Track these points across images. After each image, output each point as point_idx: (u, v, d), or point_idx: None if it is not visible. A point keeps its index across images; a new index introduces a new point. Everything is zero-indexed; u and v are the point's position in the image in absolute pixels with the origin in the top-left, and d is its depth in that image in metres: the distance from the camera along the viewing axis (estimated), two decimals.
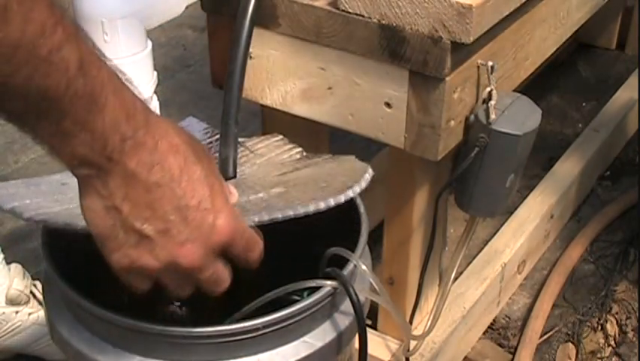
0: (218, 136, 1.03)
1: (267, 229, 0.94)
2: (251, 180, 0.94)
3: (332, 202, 0.82)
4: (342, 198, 0.83)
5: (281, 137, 1.07)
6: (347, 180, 0.87)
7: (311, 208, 0.81)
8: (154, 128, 0.65)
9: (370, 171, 0.90)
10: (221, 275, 0.72)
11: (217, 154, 1.01)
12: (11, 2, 0.53)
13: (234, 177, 0.96)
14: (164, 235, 0.66)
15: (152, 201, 0.65)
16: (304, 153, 1.03)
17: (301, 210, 0.81)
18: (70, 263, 0.84)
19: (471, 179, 1.13)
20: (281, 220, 0.80)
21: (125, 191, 0.64)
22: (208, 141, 1.04)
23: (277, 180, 0.92)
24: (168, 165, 0.65)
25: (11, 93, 0.57)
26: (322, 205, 0.81)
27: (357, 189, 0.85)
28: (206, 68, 1.24)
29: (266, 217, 0.79)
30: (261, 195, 0.86)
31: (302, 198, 0.84)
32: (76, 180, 0.66)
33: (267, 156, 1.02)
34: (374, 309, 1.31)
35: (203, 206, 0.67)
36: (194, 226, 0.67)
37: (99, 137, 0.62)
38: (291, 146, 1.05)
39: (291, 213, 0.80)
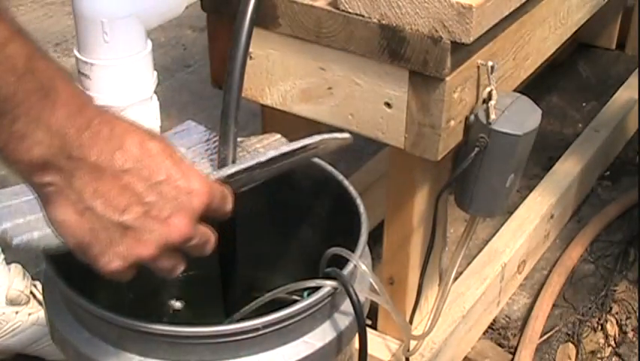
0: (217, 138, 1.03)
1: (268, 229, 0.94)
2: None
3: (317, 138, 0.83)
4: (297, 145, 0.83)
5: (279, 136, 1.07)
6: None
7: (301, 143, 0.81)
8: (104, 116, 0.63)
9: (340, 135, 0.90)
10: (208, 236, 0.70)
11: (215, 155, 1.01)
12: None
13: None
14: (145, 219, 0.65)
15: (123, 188, 0.63)
16: None
17: (294, 146, 0.81)
18: (70, 263, 0.84)
19: (471, 179, 1.13)
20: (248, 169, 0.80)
21: (93, 187, 0.63)
22: (207, 143, 1.04)
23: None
24: (128, 148, 0.64)
25: None
26: (284, 150, 0.81)
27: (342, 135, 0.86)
28: (206, 68, 1.23)
29: (234, 169, 0.79)
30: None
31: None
32: None
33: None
34: (374, 309, 1.31)
35: (173, 177, 0.66)
36: (172, 199, 0.65)
37: (55, 133, 0.60)
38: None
39: (285, 148, 0.81)
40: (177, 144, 1.03)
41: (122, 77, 0.85)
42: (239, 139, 1.02)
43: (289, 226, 1.04)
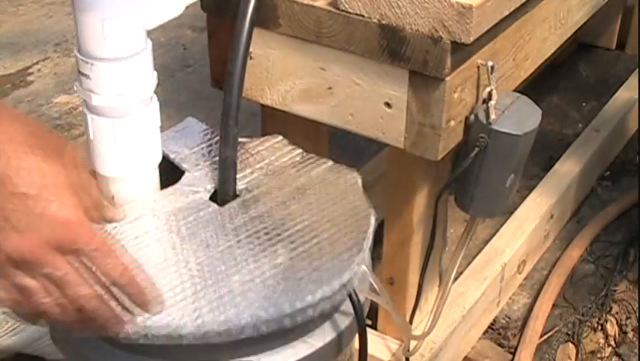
0: (218, 137, 1.03)
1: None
2: (252, 212, 0.93)
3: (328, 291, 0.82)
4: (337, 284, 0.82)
5: (280, 138, 1.07)
6: (350, 242, 0.87)
7: (316, 298, 0.81)
8: None
9: (373, 221, 0.91)
10: (72, 277, 0.66)
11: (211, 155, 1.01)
12: None
13: (235, 185, 0.96)
14: (4, 225, 0.63)
15: None
16: (304, 155, 1.03)
17: (299, 306, 0.80)
18: None
19: (471, 179, 1.13)
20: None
21: None
22: (209, 144, 1.04)
23: (279, 222, 0.91)
24: (5, 155, 0.63)
25: None
26: (319, 295, 0.81)
27: (361, 257, 0.85)
28: (206, 68, 1.23)
29: (274, 314, 0.79)
30: (266, 270, 0.84)
31: (301, 282, 0.82)
32: None
33: (267, 160, 1.02)
34: (374, 309, 1.31)
35: (37, 197, 0.64)
36: (24, 217, 0.64)
37: None
38: (290, 147, 1.05)
39: (295, 306, 0.80)
40: (178, 144, 1.03)
41: (122, 77, 0.85)
42: (241, 140, 1.02)
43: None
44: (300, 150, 1.04)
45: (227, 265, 0.83)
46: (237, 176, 0.96)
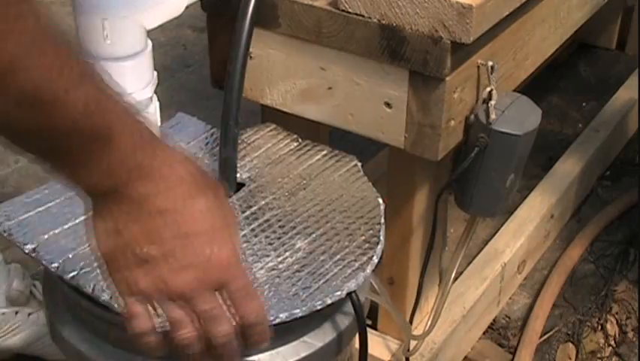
0: (211, 130, 1.03)
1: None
2: (261, 201, 0.93)
3: (361, 279, 0.84)
4: (369, 270, 0.85)
5: (274, 126, 1.07)
6: (363, 230, 0.89)
7: (344, 292, 0.82)
8: (161, 160, 0.67)
9: (381, 201, 0.92)
10: (220, 313, 0.70)
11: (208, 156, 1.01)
12: (18, 55, 0.55)
13: (235, 183, 0.96)
14: (160, 261, 0.67)
15: (154, 228, 0.67)
16: (300, 142, 1.03)
17: (336, 298, 0.81)
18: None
19: (471, 179, 1.13)
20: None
21: (127, 218, 0.66)
22: (205, 137, 1.04)
23: (290, 212, 0.91)
24: (173, 195, 0.67)
25: (22, 134, 0.60)
26: (353, 286, 0.82)
27: (379, 250, 0.88)
28: (206, 68, 1.23)
29: (307, 311, 0.80)
30: (287, 257, 0.85)
31: (329, 270, 0.83)
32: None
33: (263, 148, 1.02)
34: (374, 309, 1.31)
35: (203, 239, 0.68)
36: (191, 255, 0.68)
37: (106, 171, 0.64)
38: (285, 134, 1.05)
39: (328, 301, 0.81)
40: (174, 139, 1.02)
41: (122, 76, 0.85)
42: None
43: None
44: (295, 136, 1.04)
45: (246, 256, 0.84)
46: (237, 165, 0.97)
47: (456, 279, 1.33)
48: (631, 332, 1.55)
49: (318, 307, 0.80)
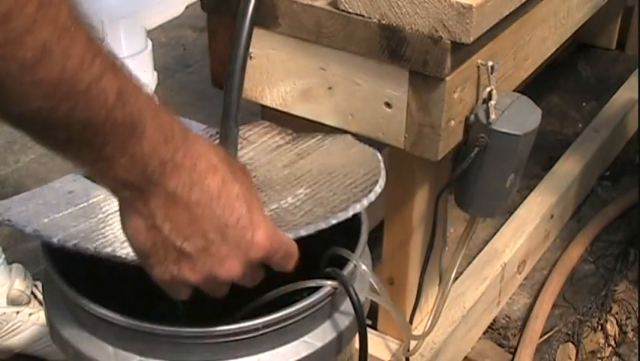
0: (206, 128, 1.03)
1: None
2: (262, 177, 0.94)
3: (365, 202, 0.84)
4: (372, 197, 0.84)
5: (267, 123, 1.07)
6: (367, 173, 0.88)
7: (350, 212, 0.82)
8: (192, 149, 0.67)
9: (380, 156, 0.93)
10: (257, 279, 0.75)
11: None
12: (50, 41, 0.55)
13: None
14: (203, 252, 0.68)
15: (192, 220, 0.67)
16: (294, 134, 1.04)
17: (342, 217, 0.81)
18: (70, 263, 0.84)
19: (471, 179, 1.13)
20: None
21: (165, 211, 0.66)
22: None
23: (289, 174, 0.92)
24: (207, 185, 0.67)
25: (54, 125, 0.59)
26: (358, 207, 0.83)
27: (382, 182, 0.87)
28: (206, 68, 1.23)
29: (312, 228, 0.80)
30: (289, 200, 0.85)
31: (333, 200, 0.84)
32: (81, 186, 0.67)
33: (258, 142, 1.02)
34: (374, 309, 1.31)
35: (242, 223, 0.69)
36: (233, 243, 0.69)
37: (139, 161, 0.64)
38: (279, 129, 1.05)
39: (333, 221, 0.81)
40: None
41: None
42: None
43: None
44: (291, 131, 1.04)
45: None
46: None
47: (456, 279, 1.33)
48: (631, 332, 1.55)
49: (324, 226, 0.80)
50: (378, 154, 0.94)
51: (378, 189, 0.86)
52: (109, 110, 0.60)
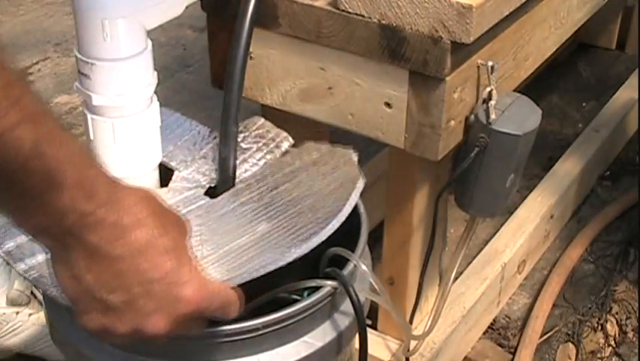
0: (200, 128, 1.02)
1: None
2: (221, 211, 0.92)
3: (305, 249, 0.81)
4: (314, 242, 0.82)
5: (263, 121, 1.04)
6: (331, 205, 0.86)
7: (289, 259, 0.80)
8: (118, 203, 0.65)
9: (360, 182, 0.89)
10: (196, 330, 0.73)
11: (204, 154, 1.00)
12: None
13: (233, 183, 0.95)
14: (128, 306, 0.67)
15: (116, 273, 0.66)
16: (284, 148, 1.01)
17: (280, 263, 0.79)
18: None
19: (471, 179, 1.13)
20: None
21: (86, 263, 0.65)
22: (189, 135, 1.02)
23: (257, 207, 0.90)
24: (132, 240, 0.66)
25: None
26: (298, 253, 0.80)
27: (341, 216, 0.84)
28: (206, 68, 1.23)
29: (247, 277, 0.78)
30: (244, 239, 0.84)
31: (286, 241, 0.82)
32: None
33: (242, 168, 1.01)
34: (374, 309, 1.31)
35: (169, 279, 0.68)
36: (159, 299, 0.68)
37: (57, 213, 0.62)
38: (271, 136, 1.02)
39: (271, 267, 0.79)
40: (162, 139, 1.01)
41: (122, 77, 0.85)
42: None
43: None
44: (285, 134, 1.02)
45: (205, 237, 0.84)
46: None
47: (456, 279, 1.33)
48: (631, 332, 1.56)
49: (268, 270, 0.79)
50: (360, 182, 0.90)
51: (328, 230, 0.83)
52: (24, 158, 0.59)
